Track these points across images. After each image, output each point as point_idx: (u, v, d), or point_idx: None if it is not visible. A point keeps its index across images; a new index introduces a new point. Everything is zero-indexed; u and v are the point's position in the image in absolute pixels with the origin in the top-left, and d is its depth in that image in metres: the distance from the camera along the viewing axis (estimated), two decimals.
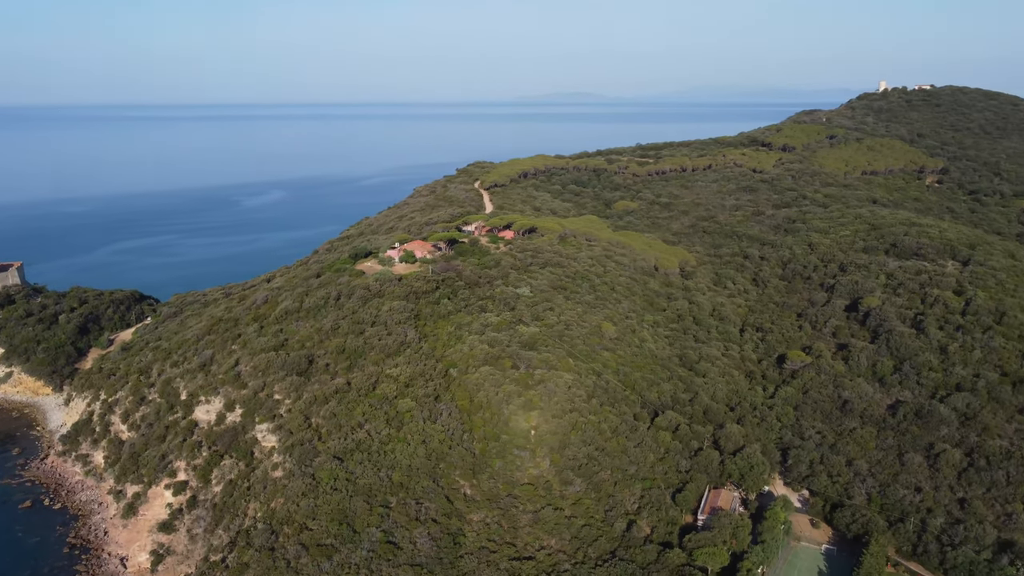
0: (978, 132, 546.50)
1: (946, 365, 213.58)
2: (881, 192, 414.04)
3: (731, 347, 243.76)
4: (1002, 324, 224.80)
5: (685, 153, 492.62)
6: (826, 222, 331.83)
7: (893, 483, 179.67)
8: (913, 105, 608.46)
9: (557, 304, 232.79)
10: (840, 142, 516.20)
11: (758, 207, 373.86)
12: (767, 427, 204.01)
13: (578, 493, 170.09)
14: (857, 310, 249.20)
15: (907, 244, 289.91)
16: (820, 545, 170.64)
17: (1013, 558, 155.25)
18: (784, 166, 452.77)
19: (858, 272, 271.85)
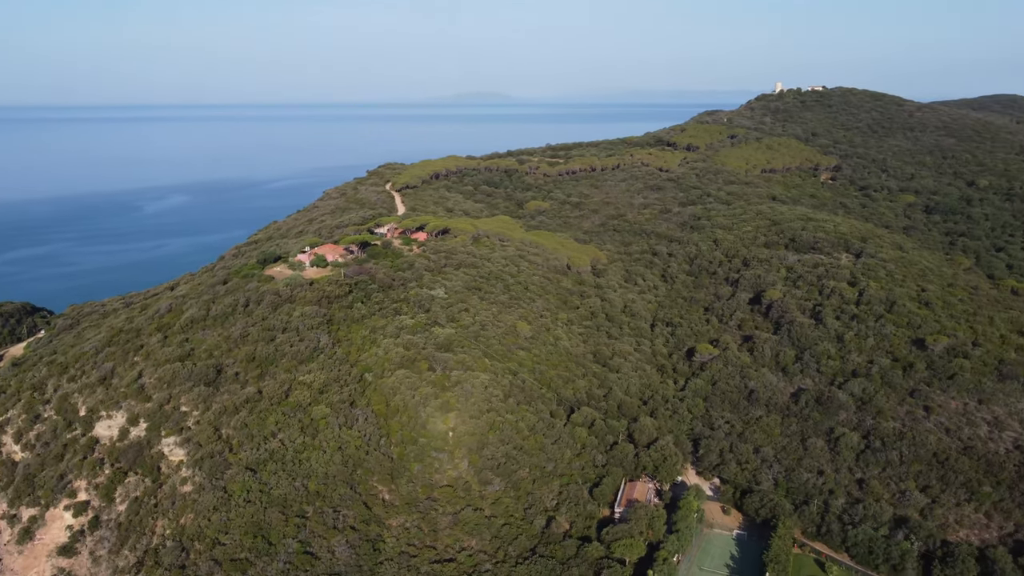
0: (866, 131, 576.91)
1: (843, 353, 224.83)
2: (780, 189, 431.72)
3: (643, 342, 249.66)
4: (892, 312, 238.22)
5: (594, 153, 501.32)
6: (729, 219, 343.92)
7: (797, 467, 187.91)
8: (807, 106, 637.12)
9: (472, 305, 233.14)
10: (741, 141, 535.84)
11: (665, 205, 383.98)
12: (679, 419, 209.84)
13: (497, 492, 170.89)
14: (760, 303, 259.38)
15: (805, 238, 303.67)
16: (731, 531, 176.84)
17: (908, 533, 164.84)
18: (689, 165, 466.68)
19: (760, 266, 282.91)
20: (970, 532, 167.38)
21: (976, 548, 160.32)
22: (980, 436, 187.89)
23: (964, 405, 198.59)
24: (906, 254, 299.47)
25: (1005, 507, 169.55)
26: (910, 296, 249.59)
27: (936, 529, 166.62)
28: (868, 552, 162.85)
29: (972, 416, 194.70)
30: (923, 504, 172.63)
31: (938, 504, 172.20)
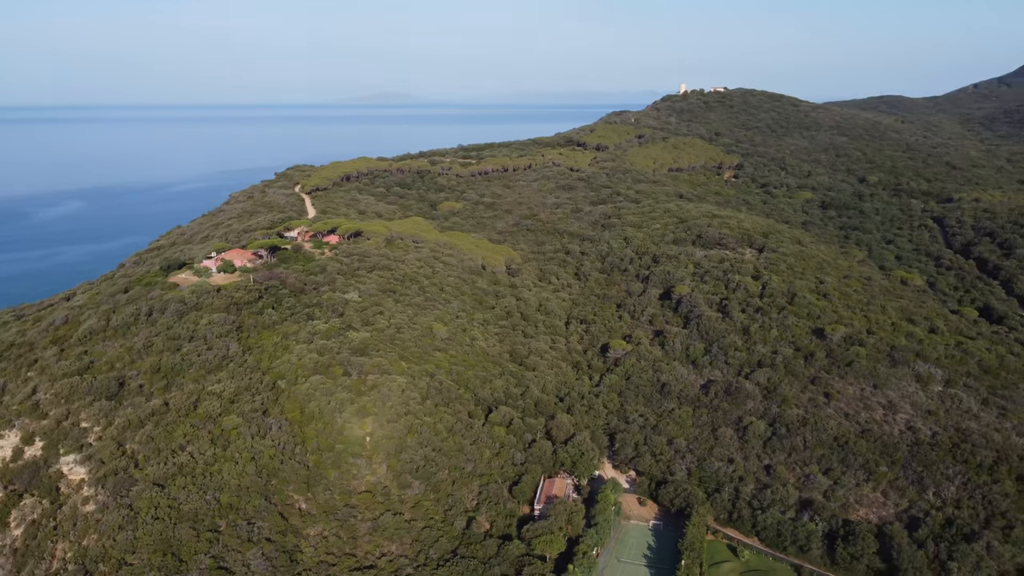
0: (766, 130, 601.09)
1: (749, 344, 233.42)
2: (686, 187, 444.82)
3: (558, 340, 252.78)
4: (793, 304, 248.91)
5: (506, 153, 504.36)
6: (639, 217, 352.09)
7: (709, 457, 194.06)
8: (710, 106, 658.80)
9: (387, 308, 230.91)
10: (648, 141, 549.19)
11: (577, 204, 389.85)
12: (595, 414, 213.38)
13: (417, 496, 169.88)
14: (670, 298, 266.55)
15: (711, 235, 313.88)
16: (648, 521, 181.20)
17: (812, 514, 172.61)
18: (599, 164, 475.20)
19: (669, 263, 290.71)
20: (869, 511, 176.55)
21: (875, 526, 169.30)
22: (876, 419, 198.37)
23: (861, 390, 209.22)
24: (805, 248, 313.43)
25: (900, 485, 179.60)
26: (809, 288, 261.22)
27: (838, 509, 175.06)
28: (777, 535, 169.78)
29: (868, 401, 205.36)
30: (826, 486, 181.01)
31: (839, 485, 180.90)
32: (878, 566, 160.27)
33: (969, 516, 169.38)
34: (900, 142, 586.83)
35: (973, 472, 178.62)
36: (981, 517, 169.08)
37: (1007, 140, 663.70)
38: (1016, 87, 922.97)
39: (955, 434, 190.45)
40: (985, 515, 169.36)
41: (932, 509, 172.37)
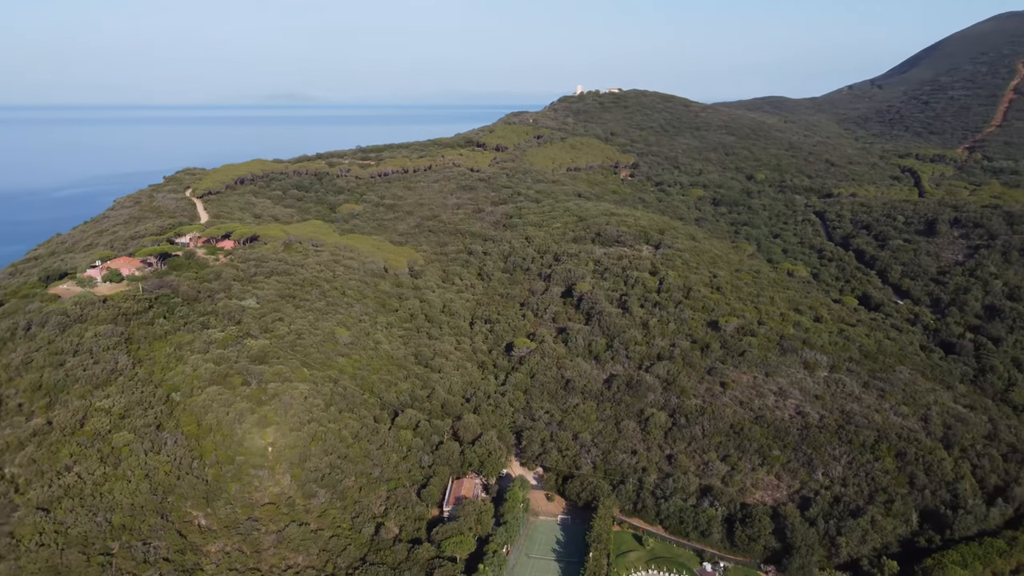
0: (659, 130, 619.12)
1: (648, 338, 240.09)
2: (584, 186, 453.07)
3: (463, 340, 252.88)
4: (689, 298, 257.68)
5: (406, 155, 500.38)
6: (540, 216, 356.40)
7: (613, 449, 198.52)
8: (606, 107, 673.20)
9: (287, 313, 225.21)
10: (546, 141, 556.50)
11: (478, 205, 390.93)
12: (501, 413, 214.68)
13: (323, 504, 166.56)
14: (572, 295, 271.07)
15: (609, 233, 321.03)
16: (556, 516, 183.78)
17: (712, 500, 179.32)
18: (499, 165, 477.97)
19: (571, 261, 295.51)
20: (764, 493, 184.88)
21: (770, 507, 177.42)
22: (768, 406, 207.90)
23: (754, 379, 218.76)
24: (699, 244, 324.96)
25: (792, 467, 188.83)
26: (704, 282, 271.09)
27: (736, 494, 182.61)
28: (679, 522, 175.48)
29: (761, 388, 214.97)
30: (724, 472, 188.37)
31: (736, 471, 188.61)
32: (774, 546, 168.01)
33: (855, 493, 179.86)
34: (784, 141, 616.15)
35: (857, 451, 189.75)
36: (865, 493, 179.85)
37: (880, 138, 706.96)
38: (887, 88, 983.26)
39: (840, 416, 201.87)
40: (869, 491, 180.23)
41: (821, 488, 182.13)
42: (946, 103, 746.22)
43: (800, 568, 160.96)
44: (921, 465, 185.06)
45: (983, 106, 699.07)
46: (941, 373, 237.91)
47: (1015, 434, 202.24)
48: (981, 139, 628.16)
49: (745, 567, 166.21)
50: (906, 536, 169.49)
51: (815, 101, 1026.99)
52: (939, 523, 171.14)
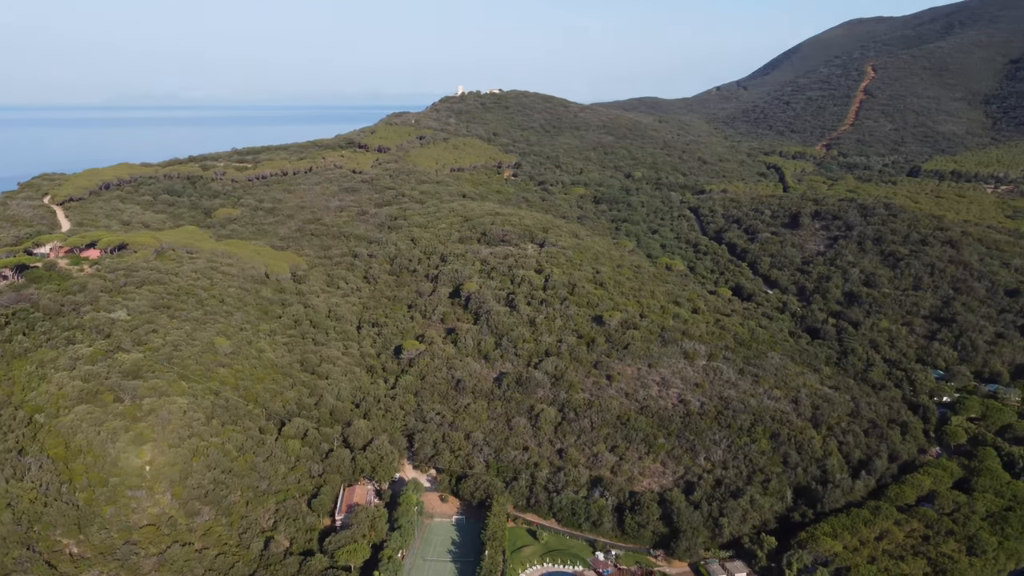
0: (540, 130, 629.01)
1: (536, 335, 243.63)
2: (468, 186, 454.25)
3: (350, 345, 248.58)
4: (574, 295, 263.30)
5: (285, 157, 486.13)
6: (425, 217, 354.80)
7: (505, 447, 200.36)
8: (487, 107, 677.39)
9: (161, 325, 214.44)
10: (429, 142, 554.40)
11: (362, 207, 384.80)
12: (392, 417, 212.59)
13: (208, 522, 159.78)
14: (460, 295, 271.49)
15: (495, 232, 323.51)
16: (451, 517, 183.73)
17: (603, 491, 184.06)
18: (382, 166, 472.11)
19: (457, 261, 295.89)
20: (651, 481, 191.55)
21: (657, 494, 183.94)
22: (652, 396, 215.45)
23: (638, 370, 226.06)
24: (581, 241, 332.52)
25: (676, 454, 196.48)
26: (588, 278, 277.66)
27: (625, 483, 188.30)
28: (572, 514, 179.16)
29: (645, 379, 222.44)
30: (613, 462, 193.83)
31: (624, 460, 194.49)
32: (662, 530, 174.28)
33: (734, 475, 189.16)
34: (659, 140, 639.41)
35: (735, 435, 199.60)
36: (744, 475, 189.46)
37: (747, 137, 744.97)
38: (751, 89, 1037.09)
39: (719, 402, 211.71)
40: (747, 472, 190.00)
41: (704, 472, 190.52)
42: (805, 103, 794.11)
43: (686, 550, 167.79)
44: (793, 445, 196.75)
45: (837, 106, 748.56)
46: (808, 357, 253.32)
47: (874, 411, 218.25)
48: (837, 137, 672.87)
49: (636, 553, 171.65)
50: (782, 512, 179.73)
51: (687, 102, 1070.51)
52: (811, 498, 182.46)
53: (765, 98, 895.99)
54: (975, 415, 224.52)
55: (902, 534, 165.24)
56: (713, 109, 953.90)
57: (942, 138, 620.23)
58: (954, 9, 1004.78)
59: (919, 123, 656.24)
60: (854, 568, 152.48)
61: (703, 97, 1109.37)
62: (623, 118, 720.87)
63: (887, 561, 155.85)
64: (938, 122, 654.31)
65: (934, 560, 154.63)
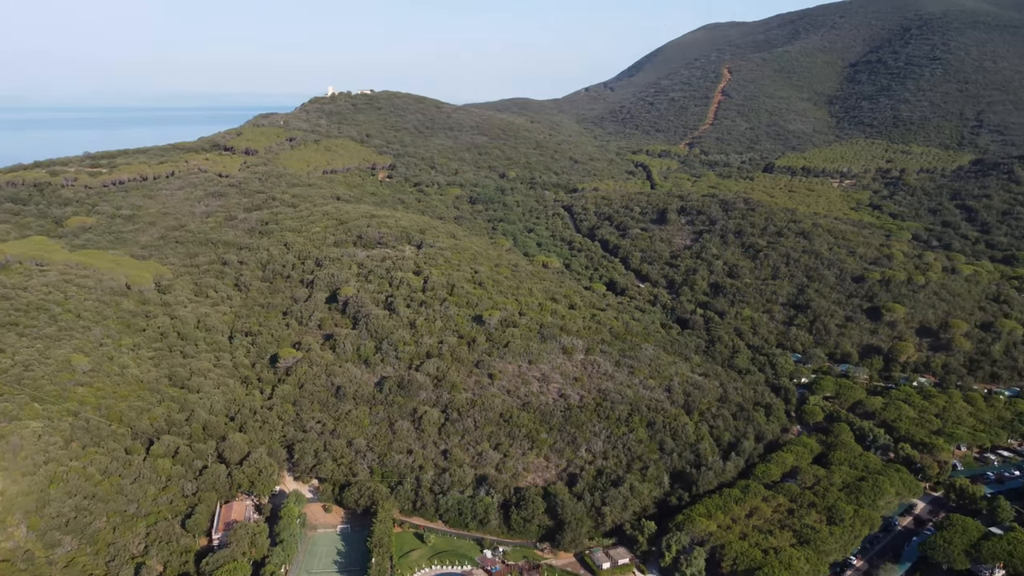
0: (414, 131, 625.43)
1: (417, 337, 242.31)
2: (343, 189, 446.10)
3: (223, 356, 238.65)
4: (453, 295, 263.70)
5: (144, 160, 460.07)
6: (298, 221, 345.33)
7: (389, 451, 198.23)
8: (359, 108, 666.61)
9: (9, 344, 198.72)
10: (300, 144, 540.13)
11: (230, 212, 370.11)
12: (270, 428, 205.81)
13: (70, 553, 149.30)
14: (337, 300, 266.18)
15: (371, 235, 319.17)
16: (336, 527, 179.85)
17: (488, 489, 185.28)
18: (250, 169, 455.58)
19: (333, 265, 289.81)
20: (536, 475, 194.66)
21: (541, 488, 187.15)
22: (534, 392, 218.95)
23: (519, 367, 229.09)
24: (459, 241, 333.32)
25: (558, 448, 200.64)
26: (466, 279, 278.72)
27: (510, 479, 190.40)
28: (458, 514, 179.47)
29: (526, 376, 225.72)
30: (497, 460, 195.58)
31: (509, 457, 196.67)
32: (547, 524, 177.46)
33: (615, 464, 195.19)
34: (532, 140, 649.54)
35: (614, 426, 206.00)
36: (624, 463, 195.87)
37: (615, 136, 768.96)
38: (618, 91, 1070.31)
39: (597, 395, 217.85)
40: (627, 461, 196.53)
41: (586, 464, 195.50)
42: (668, 104, 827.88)
43: (572, 541, 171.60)
44: (668, 431, 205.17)
45: (698, 106, 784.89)
46: (679, 347, 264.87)
47: (741, 395, 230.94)
48: (698, 135, 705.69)
49: (523, 548, 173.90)
50: (660, 497, 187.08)
51: (557, 102, 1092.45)
52: (687, 481, 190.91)
53: (631, 99, 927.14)
54: (830, 394, 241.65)
55: (770, 509, 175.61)
56: (582, 110, 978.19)
57: (792, 136, 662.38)
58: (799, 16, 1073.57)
59: (772, 122, 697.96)
60: (727, 545, 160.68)
61: (572, 98, 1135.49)
62: (496, 119, 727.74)
63: (757, 536, 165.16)
64: (788, 121, 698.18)
65: (799, 531, 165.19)
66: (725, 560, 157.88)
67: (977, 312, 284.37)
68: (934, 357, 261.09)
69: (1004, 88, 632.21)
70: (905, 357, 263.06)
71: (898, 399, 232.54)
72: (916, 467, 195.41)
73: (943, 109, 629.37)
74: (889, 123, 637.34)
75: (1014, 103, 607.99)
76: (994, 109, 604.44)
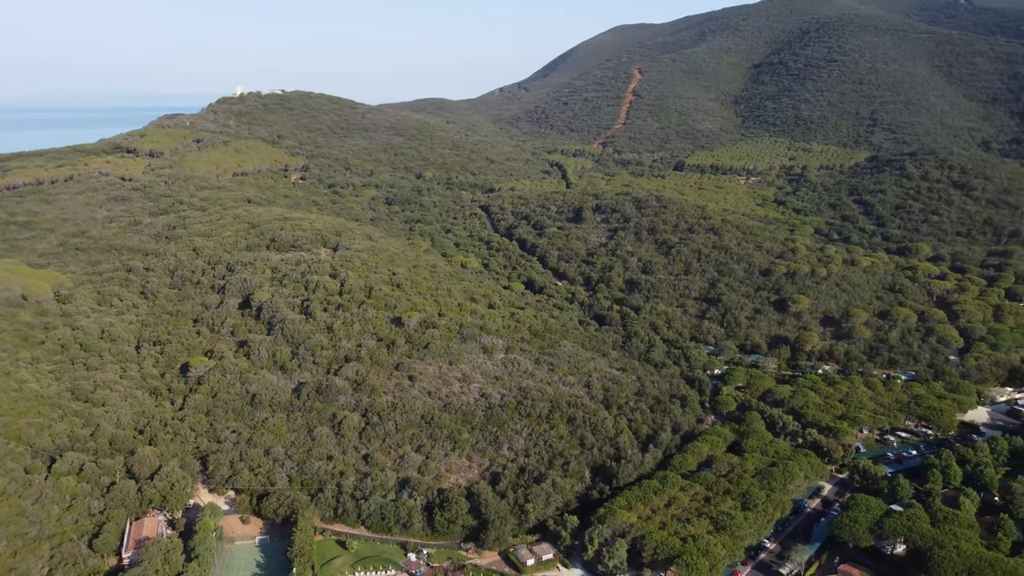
0: (328, 132, 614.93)
1: (335, 341, 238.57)
2: (254, 191, 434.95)
3: (129, 367, 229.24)
4: (371, 297, 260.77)
5: (40, 164, 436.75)
6: (207, 225, 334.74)
7: (309, 458, 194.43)
8: (270, 109, 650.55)
9: None
10: (208, 145, 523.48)
11: (134, 216, 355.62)
12: (182, 440, 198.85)
13: None
14: (250, 306, 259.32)
15: (285, 238, 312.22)
16: (254, 539, 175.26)
17: (411, 491, 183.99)
18: (155, 172, 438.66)
19: (246, 270, 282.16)
20: (459, 476, 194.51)
21: (465, 488, 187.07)
22: (455, 392, 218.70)
23: (439, 368, 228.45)
24: (376, 243, 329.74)
25: (481, 447, 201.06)
26: (384, 280, 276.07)
27: (433, 481, 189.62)
28: (381, 519, 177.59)
29: (446, 377, 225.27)
30: (420, 462, 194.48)
31: (431, 459, 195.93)
32: (471, 524, 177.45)
33: (537, 461, 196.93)
34: (448, 140, 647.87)
35: (535, 423, 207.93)
36: (546, 460, 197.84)
37: (530, 136, 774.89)
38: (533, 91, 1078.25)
39: (518, 393, 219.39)
40: (548, 457, 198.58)
41: (508, 462, 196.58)
42: (582, 104, 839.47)
43: (496, 540, 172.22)
44: (588, 427, 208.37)
45: (611, 106, 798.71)
46: (597, 343, 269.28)
47: (658, 388, 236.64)
48: (611, 135, 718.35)
49: (447, 549, 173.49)
50: (582, 492, 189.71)
51: (472, 102, 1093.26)
52: (607, 475, 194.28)
53: (545, 99, 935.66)
54: (741, 384, 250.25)
55: (687, 498, 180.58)
56: (498, 110, 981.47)
57: (701, 135, 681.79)
58: (705, 18, 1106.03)
59: (681, 121, 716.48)
60: (648, 536, 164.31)
61: (488, 98, 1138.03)
62: (412, 119, 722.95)
63: (676, 525, 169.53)
64: (697, 120, 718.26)
65: (715, 518, 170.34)
66: (646, 550, 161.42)
67: (875, 301, 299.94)
68: (837, 345, 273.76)
69: (895, 89, 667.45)
70: (810, 346, 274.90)
71: (805, 387, 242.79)
72: (823, 451, 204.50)
73: (840, 108, 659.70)
74: (791, 122, 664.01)
75: (904, 103, 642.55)
76: (886, 109, 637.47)
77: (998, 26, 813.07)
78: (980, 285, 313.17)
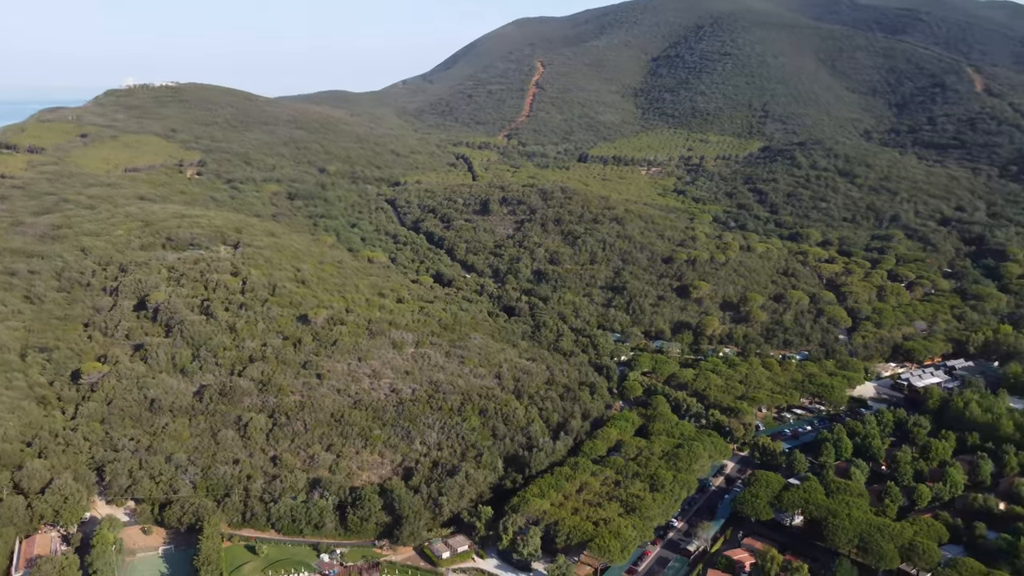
0: (226, 126, 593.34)
1: (238, 342, 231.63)
2: (147, 188, 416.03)
3: (14, 377, 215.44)
4: (276, 295, 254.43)
5: None
6: (97, 224, 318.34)
7: (213, 463, 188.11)
8: (162, 102, 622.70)
9: None
10: (95, 140, 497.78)
11: (16, 217, 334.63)
12: (75, 451, 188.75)
13: None
14: (146, 308, 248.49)
15: (182, 236, 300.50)
16: (157, 549, 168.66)
17: (322, 491, 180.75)
18: (37, 169, 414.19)
19: (140, 270, 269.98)
20: (371, 473, 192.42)
21: (377, 485, 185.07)
22: (365, 389, 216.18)
23: (348, 365, 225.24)
24: (279, 239, 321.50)
25: (393, 443, 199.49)
26: (289, 277, 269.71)
27: (344, 480, 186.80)
28: (292, 521, 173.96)
29: (356, 373, 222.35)
30: (330, 461, 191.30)
31: (342, 457, 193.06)
32: (385, 520, 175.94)
33: (449, 454, 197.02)
34: (352, 134, 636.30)
35: (447, 416, 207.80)
36: (458, 452, 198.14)
37: (436, 129, 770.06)
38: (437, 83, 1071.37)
39: (429, 387, 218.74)
40: (461, 450, 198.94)
41: (421, 457, 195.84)
42: (486, 96, 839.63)
43: (410, 535, 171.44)
44: (500, 417, 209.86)
45: (515, 99, 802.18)
46: (507, 334, 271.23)
47: (567, 376, 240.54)
48: (516, 127, 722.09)
49: (361, 548, 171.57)
50: (495, 482, 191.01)
51: (376, 95, 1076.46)
52: (520, 464, 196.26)
53: (450, 91, 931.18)
54: (648, 369, 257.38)
55: (598, 483, 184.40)
56: (402, 102, 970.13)
57: (604, 127, 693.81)
58: (604, 12, 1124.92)
59: (584, 114, 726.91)
60: (561, 522, 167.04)
61: (391, 90, 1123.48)
62: (314, 112, 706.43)
63: (588, 510, 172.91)
64: (600, 112, 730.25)
65: (625, 501, 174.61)
66: (559, 536, 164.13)
67: (770, 286, 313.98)
68: (736, 329, 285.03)
69: (785, 82, 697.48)
70: (711, 331, 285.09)
71: (707, 370, 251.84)
72: (725, 431, 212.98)
73: (734, 100, 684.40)
74: (689, 114, 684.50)
75: (793, 95, 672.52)
76: (777, 101, 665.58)
77: (876, 23, 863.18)
78: (865, 267, 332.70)
